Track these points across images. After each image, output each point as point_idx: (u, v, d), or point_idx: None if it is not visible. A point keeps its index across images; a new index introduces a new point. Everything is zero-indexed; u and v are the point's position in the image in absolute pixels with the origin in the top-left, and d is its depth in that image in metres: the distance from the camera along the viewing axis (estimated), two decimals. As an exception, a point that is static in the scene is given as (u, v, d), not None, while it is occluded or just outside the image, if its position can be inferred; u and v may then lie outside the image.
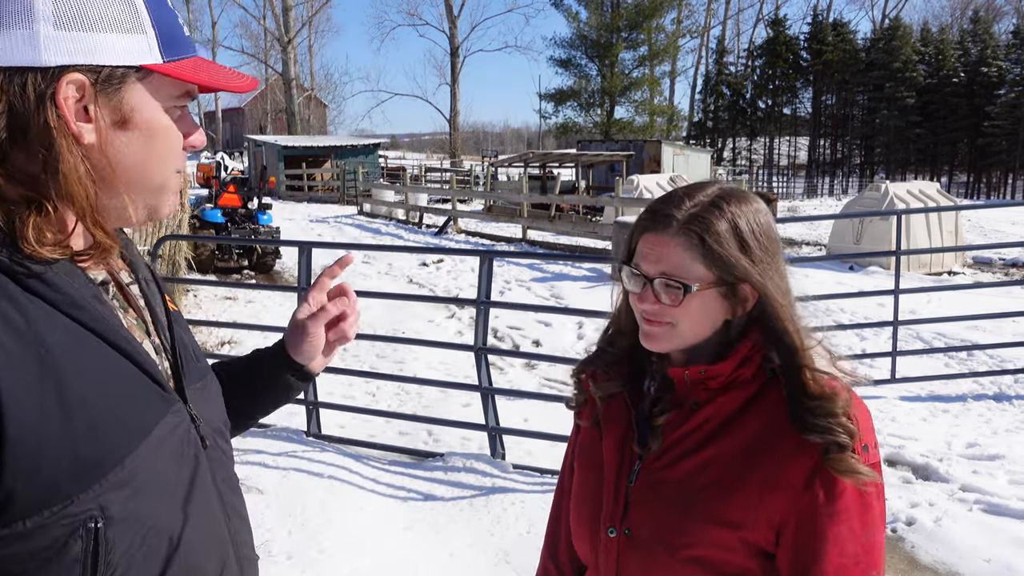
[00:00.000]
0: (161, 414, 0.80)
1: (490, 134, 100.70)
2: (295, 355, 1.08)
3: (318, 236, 15.57)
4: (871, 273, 10.27)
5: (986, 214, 19.90)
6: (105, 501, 0.72)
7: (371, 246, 4.76)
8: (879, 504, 0.99)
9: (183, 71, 0.80)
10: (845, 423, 0.96)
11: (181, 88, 0.82)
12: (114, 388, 0.75)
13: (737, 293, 1.02)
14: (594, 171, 26.01)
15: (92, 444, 0.71)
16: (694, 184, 1.06)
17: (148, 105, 0.79)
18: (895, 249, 5.60)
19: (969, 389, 5.49)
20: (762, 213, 1.04)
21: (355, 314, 1.11)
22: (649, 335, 1.05)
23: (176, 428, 0.82)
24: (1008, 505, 3.69)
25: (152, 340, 0.87)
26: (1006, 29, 46.13)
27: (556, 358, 5.19)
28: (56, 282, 0.74)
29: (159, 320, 0.90)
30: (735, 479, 1.00)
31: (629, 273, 1.05)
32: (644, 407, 1.10)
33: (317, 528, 3.36)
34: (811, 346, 1.01)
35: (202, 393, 0.92)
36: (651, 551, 1.04)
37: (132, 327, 0.84)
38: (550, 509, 1.33)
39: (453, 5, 45.34)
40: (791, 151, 51.64)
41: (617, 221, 10.36)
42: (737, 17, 55.35)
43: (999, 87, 39.76)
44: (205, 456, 0.87)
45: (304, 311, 1.07)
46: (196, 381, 0.91)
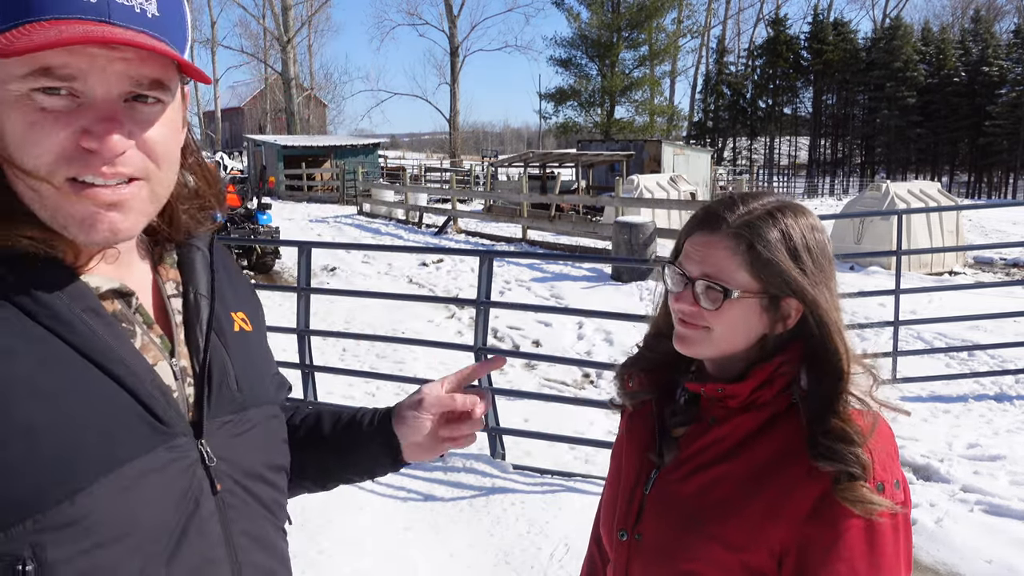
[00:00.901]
0: (144, 448, 0.69)
1: (490, 134, 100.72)
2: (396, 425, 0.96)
3: (318, 236, 15.57)
4: (872, 273, 10.26)
5: (987, 214, 19.90)
6: (40, 541, 0.62)
7: (371, 246, 4.75)
8: (894, 545, 0.92)
9: (8, 44, 0.62)
10: (859, 454, 0.91)
11: (26, 64, 0.64)
12: (81, 412, 0.65)
13: (780, 308, 0.98)
14: (594, 171, 26.01)
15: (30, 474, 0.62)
16: (752, 192, 1.04)
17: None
18: (896, 249, 5.59)
19: (970, 389, 5.48)
20: (818, 229, 1.00)
21: (477, 424, 0.97)
22: (683, 338, 1.02)
23: (168, 466, 0.70)
24: (1009, 506, 3.68)
25: (175, 363, 0.76)
26: (1007, 28, 46.19)
27: (556, 358, 5.19)
28: (36, 289, 0.67)
29: (194, 340, 0.79)
30: (740, 501, 0.97)
31: (672, 272, 1.03)
32: (667, 417, 1.09)
33: (317, 528, 3.36)
34: (857, 372, 0.97)
35: (234, 428, 0.79)
36: (655, 559, 1.04)
37: (148, 346, 0.74)
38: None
39: (453, 5, 45.39)
40: (791, 151, 51.66)
41: (617, 221, 10.36)
42: (737, 17, 55.41)
43: (1000, 86, 39.78)
44: (215, 502, 0.75)
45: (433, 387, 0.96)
46: (228, 414, 0.79)
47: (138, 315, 0.75)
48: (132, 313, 0.74)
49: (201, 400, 0.76)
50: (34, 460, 0.62)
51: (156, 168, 0.72)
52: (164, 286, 0.80)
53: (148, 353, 0.73)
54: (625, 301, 8.51)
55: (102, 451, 0.66)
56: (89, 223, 0.68)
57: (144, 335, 0.74)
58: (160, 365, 0.74)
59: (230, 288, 0.88)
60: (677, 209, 13.04)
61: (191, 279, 0.82)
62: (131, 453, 0.68)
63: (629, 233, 9.81)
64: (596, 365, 5.69)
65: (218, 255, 0.88)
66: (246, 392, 0.82)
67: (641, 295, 8.80)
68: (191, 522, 0.72)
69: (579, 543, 3.33)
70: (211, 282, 0.83)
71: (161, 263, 0.83)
